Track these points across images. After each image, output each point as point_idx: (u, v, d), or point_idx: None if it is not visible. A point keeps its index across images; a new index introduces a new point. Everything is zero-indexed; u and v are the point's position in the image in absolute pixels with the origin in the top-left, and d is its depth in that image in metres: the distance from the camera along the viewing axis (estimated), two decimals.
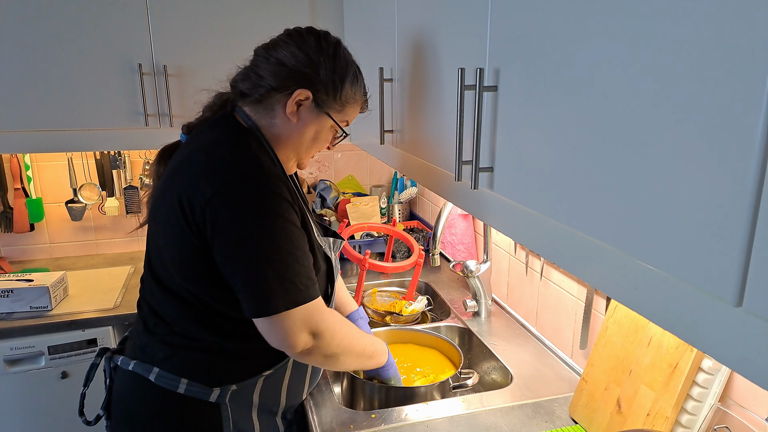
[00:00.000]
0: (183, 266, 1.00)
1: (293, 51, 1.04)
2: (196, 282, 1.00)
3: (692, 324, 0.50)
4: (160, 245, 1.03)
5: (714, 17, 0.44)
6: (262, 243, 0.93)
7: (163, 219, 1.01)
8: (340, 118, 1.10)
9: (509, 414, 1.19)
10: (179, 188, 0.97)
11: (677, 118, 0.49)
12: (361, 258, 1.66)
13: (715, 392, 0.94)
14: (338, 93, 1.06)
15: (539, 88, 0.71)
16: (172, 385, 1.02)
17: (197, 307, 1.02)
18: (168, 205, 0.98)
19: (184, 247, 0.98)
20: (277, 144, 1.08)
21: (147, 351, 1.06)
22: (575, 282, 1.37)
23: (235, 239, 0.93)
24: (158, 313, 1.06)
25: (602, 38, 0.58)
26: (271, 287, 0.93)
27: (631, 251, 0.56)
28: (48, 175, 2.15)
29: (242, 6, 1.84)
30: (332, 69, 1.05)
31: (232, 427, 1.05)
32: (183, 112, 1.86)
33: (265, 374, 1.07)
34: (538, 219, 0.74)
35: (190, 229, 0.96)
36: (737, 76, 0.43)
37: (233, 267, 0.95)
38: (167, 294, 1.04)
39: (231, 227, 0.93)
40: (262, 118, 1.07)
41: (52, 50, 1.71)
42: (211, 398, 1.03)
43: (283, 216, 0.95)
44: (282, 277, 0.93)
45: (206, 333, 1.03)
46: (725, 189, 0.45)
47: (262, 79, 1.05)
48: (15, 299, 1.71)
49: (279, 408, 1.13)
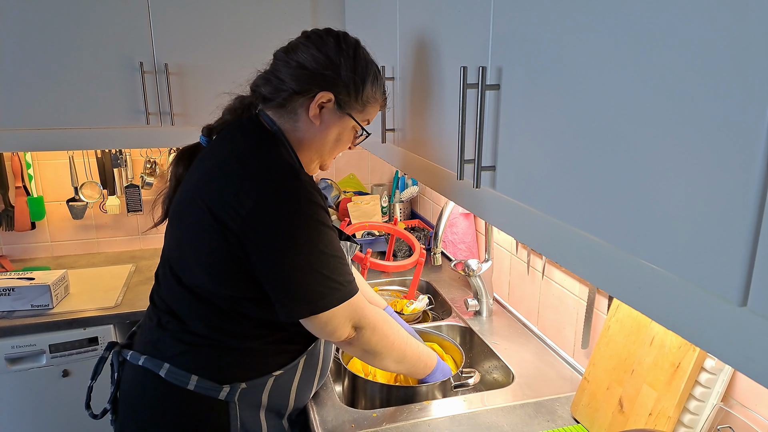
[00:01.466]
0: (216, 270, 1.01)
1: (313, 53, 1.04)
2: (228, 284, 1.02)
3: (696, 324, 0.50)
4: (185, 248, 1.04)
5: (716, 18, 0.44)
6: (307, 250, 0.96)
7: (191, 224, 1.02)
8: (362, 117, 1.11)
9: (511, 413, 1.19)
10: (212, 197, 0.98)
11: (681, 116, 0.49)
12: (363, 257, 1.66)
13: (717, 392, 0.93)
14: (360, 93, 1.07)
15: (542, 87, 0.70)
16: (182, 382, 1.03)
17: (218, 307, 1.03)
18: (198, 212, 1.00)
19: (219, 254, 0.99)
20: (300, 147, 1.08)
21: (159, 347, 1.07)
22: (577, 281, 1.37)
23: (280, 249, 0.96)
24: (174, 310, 1.07)
25: (605, 36, 0.58)
26: (320, 289, 0.98)
27: (635, 250, 0.56)
28: (49, 173, 2.15)
29: (243, 5, 1.84)
30: (353, 70, 1.05)
31: (239, 425, 1.05)
32: (184, 110, 1.86)
33: (275, 374, 1.08)
34: (541, 218, 0.74)
35: (226, 237, 0.97)
36: (740, 74, 0.42)
37: (278, 273, 0.97)
38: (187, 293, 1.05)
39: (274, 237, 0.96)
40: (286, 122, 1.07)
41: (53, 49, 1.71)
42: (221, 396, 1.03)
43: (321, 221, 0.98)
44: (328, 278, 0.99)
45: (219, 333, 1.04)
46: (729, 187, 0.44)
47: (284, 83, 1.05)
48: (16, 297, 1.71)
49: (287, 410, 1.13)
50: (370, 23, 1.53)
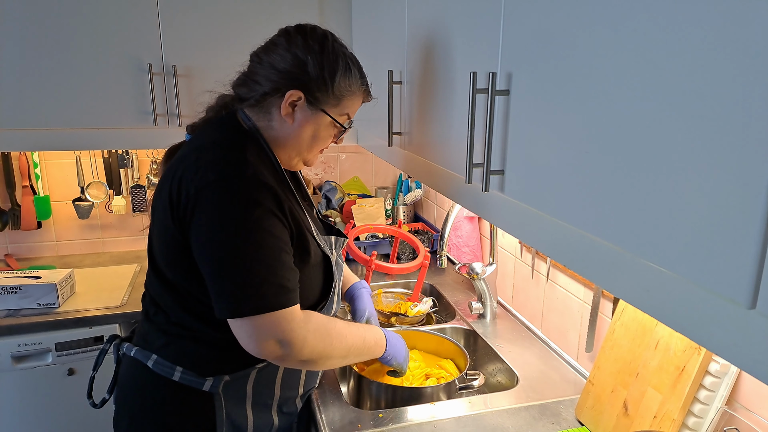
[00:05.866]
0: (168, 258, 1.04)
1: (282, 53, 1.06)
2: (181, 275, 1.03)
3: (705, 326, 0.50)
4: (156, 239, 1.07)
5: (725, 23, 0.45)
6: (230, 247, 0.94)
7: (158, 216, 1.05)
8: (338, 112, 1.10)
9: (515, 415, 1.20)
10: (171, 186, 1.00)
11: (688, 121, 0.49)
12: (368, 259, 1.67)
13: (722, 395, 0.94)
14: (330, 88, 1.06)
15: (551, 92, 0.71)
16: (168, 373, 1.05)
17: (188, 298, 1.05)
18: (162, 201, 1.02)
19: (171, 242, 1.01)
20: (276, 145, 1.10)
21: (147, 338, 1.10)
22: (581, 285, 1.38)
23: (207, 239, 0.96)
24: (158, 302, 1.10)
25: (614, 43, 0.59)
26: (234, 292, 0.94)
27: (643, 253, 0.57)
28: (56, 173, 2.16)
29: (252, 8, 1.85)
30: (320, 65, 1.05)
31: (225, 416, 1.07)
32: (191, 112, 1.87)
33: (258, 366, 1.08)
34: (549, 222, 0.75)
35: (174, 224, 0.99)
36: (750, 76, 0.43)
37: (203, 266, 0.98)
38: (164, 285, 1.07)
39: (205, 227, 0.96)
40: (261, 120, 1.09)
41: (63, 49, 1.72)
42: (205, 387, 1.05)
43: (257, 222, 0.95)
44: (246, 283, 0.94)
45: (200, 323, 1.05)
46: (738, 191, 0.45)
47: (257, 84, 1.07)
48: (23, 296, 1.72)
49: (273, 400, 1.14)
50: (378, 28, 1.54)
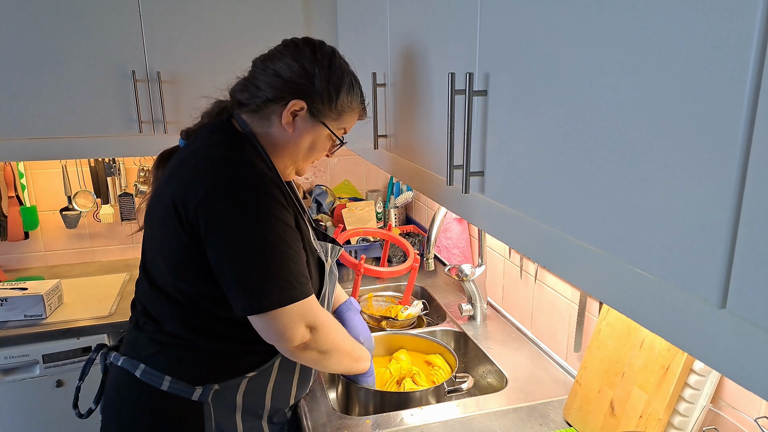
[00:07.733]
0: (176, 265, 1.02)
1: (288, 62, 1.06)
2: (187, 280, 1.02)
3: (678, 326, 0.50)
4: (155, 246, 1.06)
5: (697, 25, 0.45)
6: (255, 241, 0.95)
7: (158, 220, 1.04)
8: (337, 126, 1.12)
9: (504, 417, 1.19)
10: (173, 190, 1.00)
11: (662, 123, 0.49)
12: (356, 263, 1.67)
13: (706, 394, 0.94)
14: (333, 102, 1.08)
15: (529, 93, 0.71)
16: (156, 382, 1.04)
17: (186, 307, 1.04)
18: (163, 207, 1.01)
19: (178, 247, 1.00)
20: (273, 152, 1.10)
21: (136, 348, 1.09)
22: (569, 285, 1.38)
23: (228, 238, 0.95)
24: (149, 311, 1.09)
25: (591, 43, 0.59)
26: (265, 285, 0.96)
27: (619, 254, 0.57)
28: (42, 182, 2.15)
29: (236, 13, 1.84)
30: (327, 79, 1.07)
31: (214, 427, 1.06)
32: (177, 118, 1.86)
33: (248, 375, 1.08)
34: (529, 222, 0.74)
35: (183, 228, 0.98)
36: (719, 78, 0.43)
37: (227, 265, 0.97)
38: (158, 293, 1.06)
39: (223, 226, 0.95)
40: (258, 126, 1.09)
41: (46, 57, 1.71)
42: (194, 397, 1.04)
43: (274, 215, 0.97)
44: (277, 274, 0.96)
45: (192, 333, 1.05)
46: (708, 192, 0.45)
47: (260, 90, 1.07)
48: (9, 308, 1.71)
49: (264, 411, 1.13)
50: (362, 32, 1.54)
